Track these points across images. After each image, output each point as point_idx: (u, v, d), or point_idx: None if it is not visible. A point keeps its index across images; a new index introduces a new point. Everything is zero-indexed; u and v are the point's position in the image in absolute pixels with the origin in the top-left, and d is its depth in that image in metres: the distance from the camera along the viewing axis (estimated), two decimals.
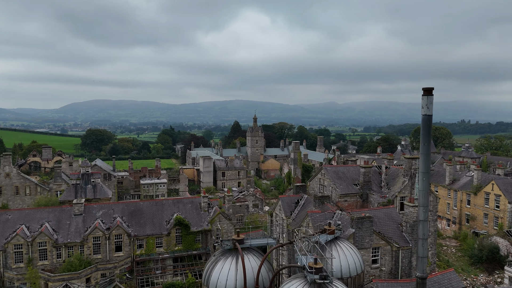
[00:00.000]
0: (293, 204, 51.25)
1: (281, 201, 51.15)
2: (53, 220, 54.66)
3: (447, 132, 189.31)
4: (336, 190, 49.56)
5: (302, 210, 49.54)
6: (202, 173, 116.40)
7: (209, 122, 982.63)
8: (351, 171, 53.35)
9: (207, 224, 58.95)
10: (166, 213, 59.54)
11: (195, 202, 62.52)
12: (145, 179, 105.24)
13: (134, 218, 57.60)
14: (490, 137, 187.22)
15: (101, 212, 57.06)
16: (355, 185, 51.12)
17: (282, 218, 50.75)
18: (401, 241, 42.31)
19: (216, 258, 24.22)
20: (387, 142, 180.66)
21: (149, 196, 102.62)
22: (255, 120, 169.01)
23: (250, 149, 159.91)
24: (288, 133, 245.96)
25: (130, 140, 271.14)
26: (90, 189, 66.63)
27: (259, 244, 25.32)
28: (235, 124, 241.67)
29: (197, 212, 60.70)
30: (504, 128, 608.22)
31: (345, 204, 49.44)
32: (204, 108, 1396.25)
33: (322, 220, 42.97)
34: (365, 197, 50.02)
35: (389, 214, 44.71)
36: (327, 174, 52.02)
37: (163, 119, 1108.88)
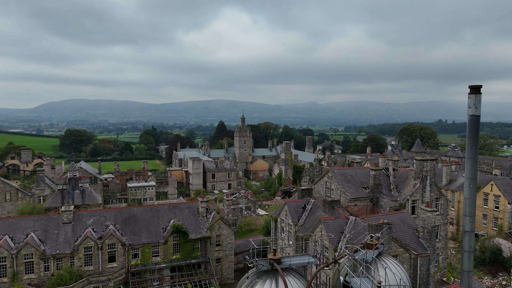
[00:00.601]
0: (300, 209, 48.69)
1: (287, 206, 48.47)
2: (40, 230, 50.32)
3: (432, 131, 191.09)
4: (346, 194, 47.23)
5: (311, 216, 47.04)
6: (192, 175, 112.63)
7: (190, 122, 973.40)
8: (358, 173, 51.18)
9: (206, 231, 55.69)
10: (162, 219, 55.96)
11: (192, 207, 59.14)
12: (132, 182, 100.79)
13: (128, 225, 53.80)
14: None
15: (92, 219, 53.03)
16: (364, 189, 48.95)
17: (289, 224, 48.10)
18: (419, 248, 40.34)
19: (251, 281, 21.27)
20: (374, 142, 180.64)
21: (136, 200, 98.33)
22: (243, 120, 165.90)
23: (238, 149, 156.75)
24: (273, 133, 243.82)
25: (111, 141, 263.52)
26: (78, 195, 62.23)
27: (300, 263, 22.39)
28: (220, 124, 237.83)
29: (195, 218, 57.36)
30: (480, 128, 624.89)
31: (355, 209, 47.20)
32: (184, 108, 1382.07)
33: (336, 226, 40.56)
34: (375, 201, 47.90)
35: (404, 219, 42.73)
36: (334, 177, 49.66)
37: (143, 119, 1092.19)
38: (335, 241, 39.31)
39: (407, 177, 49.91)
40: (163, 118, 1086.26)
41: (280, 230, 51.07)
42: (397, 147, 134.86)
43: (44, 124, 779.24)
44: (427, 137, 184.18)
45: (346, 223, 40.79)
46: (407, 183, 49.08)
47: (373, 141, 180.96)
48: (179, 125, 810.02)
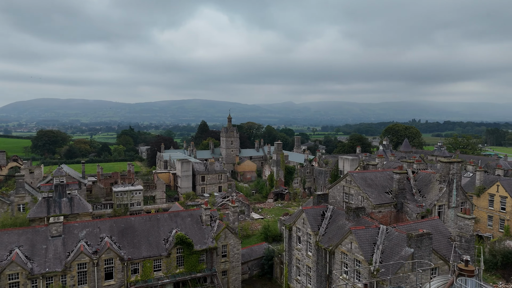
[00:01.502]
0: (319, 216, 44.79)
1: (305, 213, 44.45)
2: (25, 245, 44.28)
3: (416, 131, 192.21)
4: (370, 200, 43.68)
5: (332, 224, 43.21)
6: (180, 177, 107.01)
7: (166, 122, 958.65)
8: (379, 177, 47.79)
9: (211, 241, 50.97)
10: (163, 229, 50.86)
11: (195, 215, 54.26)
12: (118, 186, 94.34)
13: (125, 237, 48.41)
14: (458, 136, 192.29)
15: (84, 231, 47.35)
16: (386, 194, 45.57)
17: (308, 233, 44.11)
18: (456, 258, 37.16)
19: None
20: (360, 141, 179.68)
21: (123, 205, 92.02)
22: (229, 120, 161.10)
23: (225, 150, 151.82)
24: (256, 133, 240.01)
25: (88, 142, 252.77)
26: (65, 203, 56.05)
27: None
28: (203, 124, 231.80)
29: (199, 227, 52.54)
30: (451, 127, 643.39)
31: (379, 216, 43.74)
32: (160, 108, 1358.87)
33: (368, 237, 36.86)
34: (399, 207, 44.59)
35: (436, 227, 39.54)
36: (354, 181, 46.04)
37: (116, 118, 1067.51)
38: (368, 253, 35.61)
39: (430, 180, 46.93)
40: (138, 118, 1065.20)
41: (296, 240, 47.00)
42: (388, 147, 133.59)
43: (12, 125, 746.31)
44: (411, 136, 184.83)
45: (378, 233, 37.19)
46: (431, 187, 46.07)
47: (359, 140, 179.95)
48: (155, 125, 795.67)
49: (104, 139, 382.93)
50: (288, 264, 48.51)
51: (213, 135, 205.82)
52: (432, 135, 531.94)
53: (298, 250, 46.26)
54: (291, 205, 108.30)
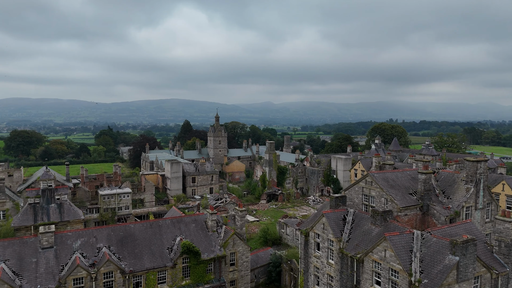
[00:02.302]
0: (340, 221, 41.44)
1: (326, 217, 40.99)
2: (12, 259, 39.01)
3: (402, 130, 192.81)
4: (395, 202, 40.65)
5: (356, 229, 39.94)
6: (170, 179, 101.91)
7: (144, 122, 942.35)
8: (399, 177, 44.89)
9: (219, 249, 46.85)
10: (166, 237, 46.37)
11: (199, 220, 49.97)
12: (104, 189, 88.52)
13: (125, 247, 43.69)
14: (443, 135, 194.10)
15: (79, 241, 42.37)
16: (410, 195, 42.69)
17: (330, 239, 40.65)
18: (496, 265, 34.55)
19: None
20: (348, 141, 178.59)
21: (110, 209, 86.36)
22: (217, 119, 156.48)
23: (213, 150, 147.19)
24: (240, 132, 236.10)
25: (64, 142, 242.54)
26: (54, 210, 50.57)
27: None
28: (186, 123, 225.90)
29: (204, 234, 48.30)
30: (427, 126, 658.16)
31: (405, 219, 40.79)
32: (137, 107, 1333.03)
33: (404, 244, 33.70)
34: (425, 209, 41.78)
35: (470, 231, 36.86)
36: (375, 182, 42.94)
37: (92, 118, 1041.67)
38: (406, 262, 32.45)
39: (454, 180, 44.38)
40: (114, 118, 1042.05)
41: (314, 246, 43.49)
42: (380, 146, 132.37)
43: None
44: (398, 135, 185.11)
45: (412, 239, 34.12)
46: (456, 188, 43.50)
47: (347, 140, 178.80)
48: (132, 125, 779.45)
49: (80, 140, 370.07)
50: (305, 272, 44.95)
51: (197, 135, 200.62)
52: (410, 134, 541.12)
53: (317, 257, 42.75)
54: (286, 206, 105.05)
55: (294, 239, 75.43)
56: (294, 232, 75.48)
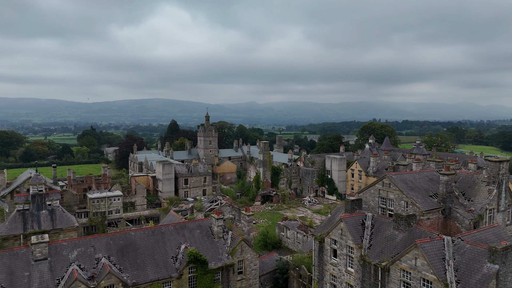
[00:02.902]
0: (359, 226, 39.00)
1: (345, 222, 38.46)
2: (1, 273, 35.11)
3: (392, 129, 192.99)
4: (417, 206, 38.44)
5: (377, 235, 37.54)
6: (162, 181, 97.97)
7: (126, 122, 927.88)
8: (417, 179, 42.77)
9: (227, 257, 43.80)
10: (170, 245, 43.04)
11: (204, 226, 46.78)
12: (93, 192, 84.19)
13: (126, 257, 40.20)
14: (432, 134, 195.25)
15: (75, 252, 38.69)
16: (431, 197, 40.60)
17: (349, 246, 38.13)
18: None
19: None
20: (338, 140, 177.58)
21: (100, 213, 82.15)
22: (207, 119, 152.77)
23: (203, 150, 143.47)
24: (228, 132, 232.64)
25: (46, 143, 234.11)
26: (45, 217, 46.44)
27: None
28: (173, 123, 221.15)
29: (210, 241, 45.16)
30: (409, 126, 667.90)
31: (428, 223, 38.63)
32: (119, 107, 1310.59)
33: (435, 251, 31.42)
34: (447, 213, 39.73)
35: (499, 235, 34.91)
36: (394, 184, 40.67)
37: (72, 118, 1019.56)
38: (440, 271, 30.15)
39: (474, 181, 42.52)
40: (95, 118, 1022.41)
41: (330, 253, 40.92)
42: (374, 145, 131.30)
43: None
44: (387, 135, 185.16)
45: (443, 246, 31.90)
46: (476, 189, 41.63)
47: (337, 139, 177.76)
48: (115, 125, 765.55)
49: (60, 140, 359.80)
50: (319, 280, 42.34)
51: (185, 135, 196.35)
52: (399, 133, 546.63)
53: (334, 265, 40.19)
54: (282, 207, 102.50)
55: (295, 242, 72.94)
56: (295, 235, 72.98)
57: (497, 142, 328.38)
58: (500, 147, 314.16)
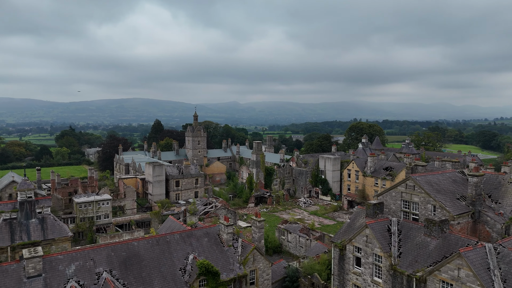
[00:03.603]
0: (385, 232, 36.24)
1: (371, 229, 35.61)
2: None
3: (379, 129, 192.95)
4: (446, 210, 35.95)
5: (406, 242, 34.83)
6: (152, 183, 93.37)
7: (105, 122, 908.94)
8: (441, 180, 40.39)
9: (239, 267, 40.34)
10: (177, 255, 39.26)
11: (212, 233, 43.15)
12: (80, 196, 79.03)
13: (130, 270, 36.21)
14: (419, 134, 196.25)
15: (73, 266, 34.49)
16: (458, 200, 38.23)
17: (376, 254, 35.30)
18: None
19: None
20: (328, 140, 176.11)
21: (87, 218, 77.09)
22: (195, 118, 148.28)
23: (192, 151, 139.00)
24: (214, 132, 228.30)
25: (23, 144, 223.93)
26: (35, 226, 41.72)
27: None
28: (157, 123, 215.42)
29: (220, 250, 41.59)
30: (390, 125, 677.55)
31: (458, 228, 36.21)
32: (97, 107, 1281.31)
33: (479, 260, 28.85)
34: (476, 216, 37.44)
35: None
36: (420, 186, 38.12)
37: (48, 119, 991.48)
38: (488, 283, 27.59)
39: (499, 182, 40.44)
40: (73, 118, 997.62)
41: (353, 262, 38.01)
42: (367, 144, 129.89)
43: None
44: (375, 134, 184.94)
45: (486, 254, 29.41)
46: (503, 191, 39.54)
47: (326, 139, 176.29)
48: (93, 125, 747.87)
49: (37, 141, 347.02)
50: None
51: (170, 135, 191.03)
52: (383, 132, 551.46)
53: (357, 274, 37.30)
54: (277, 209, 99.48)
55: (297, 246, 69.98)
56: (297, 239, 70.03)
57: (477, 141, 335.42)
58: (480, 146, 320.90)
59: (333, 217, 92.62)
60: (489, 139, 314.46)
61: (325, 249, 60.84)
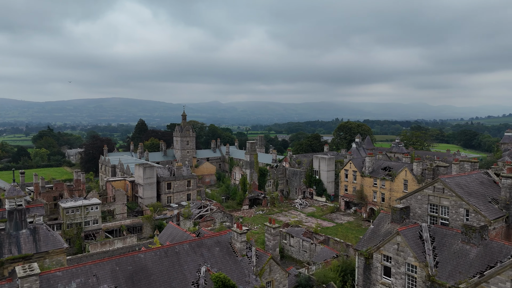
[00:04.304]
0: (418, 239, 33.55)
1: (403, 236, 32.84)
2: None
3: (368, 128, 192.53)
4: (482, 214, 33.55)
5: (441, 250, 32.21)
6: (143, 186, 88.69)
7: (83, 122, 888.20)
8: (469, 182, 38.07)
9: (255, 279, 36.93)
10: (188, 268, 35.52)
11: (223, 242, 39.58)
12: (67, 201, 73.95)
13: (138, 286, 32.26)
14: (406, 133, 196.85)
15: (74, 284, 30.35)
16: (490, 203, 35.94)
17: (410, 264, 32.55)
18: None
19: None
20: (317, 140, 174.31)
21: (75, 224, 72.20)
22: (184, 118, 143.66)
23: (180, 151, 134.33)
24: (199, 132, 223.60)
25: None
26: (26, 238, 37.02)
27: None
28: (140, 123, 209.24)
29: (233, 260, 38.08)
30: (371, 125, 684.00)
31: (493, 234, 33.86)
32: (75, 107, 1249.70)
33: None
34: (510, 221, 35.23)
35: None
36: (449, 189, 35.63)
37: (23, 119, 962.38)
38: None
39: None
40: (49, 118, 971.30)
41: (381, 272, 35.18)
42: (360, 144, 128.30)
43: None
44: (364, 134, 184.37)
45: None
46: None
47: (316, 139, 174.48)
48: (71, 125, 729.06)
49: (12, 142, 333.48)
50: None
51: (155, 135, 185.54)
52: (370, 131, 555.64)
53: (386, 285, 34.49)
54: (273, 211, 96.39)
55: (301, 251, 67.05)
56: (300, 243, 67.09)
57: (458, 140, 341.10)
58: (461, 145, 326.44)
59: (331, 218, 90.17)
60: (470, 138, 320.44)
61: (333, 254, 58.10)
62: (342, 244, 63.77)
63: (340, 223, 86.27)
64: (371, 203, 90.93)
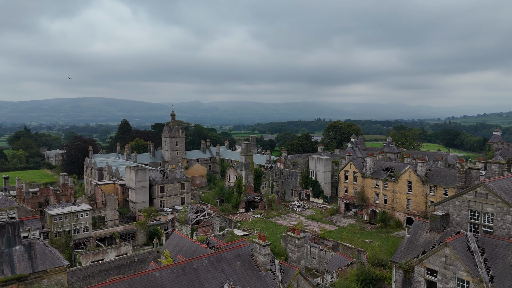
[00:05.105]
0: (466, 251, 30.42)
1: (452, 247, 29.63)
2: None
3: (357, 128, 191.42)
4: None
5: (495, 263, 29.18)
6: (135, 190, 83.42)
7: (60, 122, 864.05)
8: (511, 186, 35.29)
9: None
10: (210, 286, 31.36)
11: (244, 255, 35.54)
12: (54, 207, 68.20)
13: None
14: (396, 133, 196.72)
15: None
16: None
17: (461, 279, 29.35)
18: None
19: None
20: (308, 140, 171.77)
21: (63, 233, 66.69)
22: (173, 117, 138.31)
23: (169, 152, 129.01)
24: (185, 133, 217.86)
25: None
26: (21, 255, 31.84)
27: None
28: (124, 123, 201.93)
29: (257, 276, 34.11)
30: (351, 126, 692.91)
31: None
32: (51, 106, 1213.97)
33: None
34: None
35: None
36: (494, 194, 32.71)
37: None
38: None
39: None
40: (23, 118, 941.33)
41: (423, 286, 31.91)
42: (356, 144, 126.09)
43: None
44: (354, 133, 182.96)
45: None
46: None
47: (306, 138, 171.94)
48: (47, 125, 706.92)
49: None
50: None
51: (139, 135, 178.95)
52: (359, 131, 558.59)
53: None
54: (271, 214, 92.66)
55: (309, 257, 63.61)
56: (308, 250, 63.62)
57: (440, 140, 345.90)
58: (443, 144, 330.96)
59: (332, 221, 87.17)
60: (453, 137, 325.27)
61: (347, 262, 54.87)
62: (353, 250, 60.63)
63: (342, 226, 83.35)
64: (372, 205, 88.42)
